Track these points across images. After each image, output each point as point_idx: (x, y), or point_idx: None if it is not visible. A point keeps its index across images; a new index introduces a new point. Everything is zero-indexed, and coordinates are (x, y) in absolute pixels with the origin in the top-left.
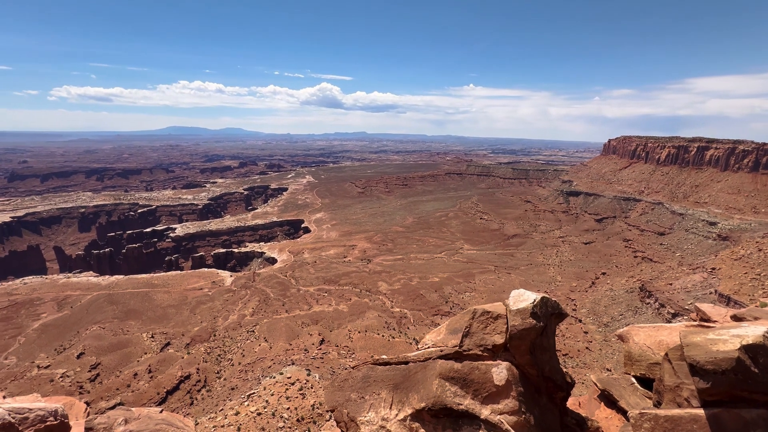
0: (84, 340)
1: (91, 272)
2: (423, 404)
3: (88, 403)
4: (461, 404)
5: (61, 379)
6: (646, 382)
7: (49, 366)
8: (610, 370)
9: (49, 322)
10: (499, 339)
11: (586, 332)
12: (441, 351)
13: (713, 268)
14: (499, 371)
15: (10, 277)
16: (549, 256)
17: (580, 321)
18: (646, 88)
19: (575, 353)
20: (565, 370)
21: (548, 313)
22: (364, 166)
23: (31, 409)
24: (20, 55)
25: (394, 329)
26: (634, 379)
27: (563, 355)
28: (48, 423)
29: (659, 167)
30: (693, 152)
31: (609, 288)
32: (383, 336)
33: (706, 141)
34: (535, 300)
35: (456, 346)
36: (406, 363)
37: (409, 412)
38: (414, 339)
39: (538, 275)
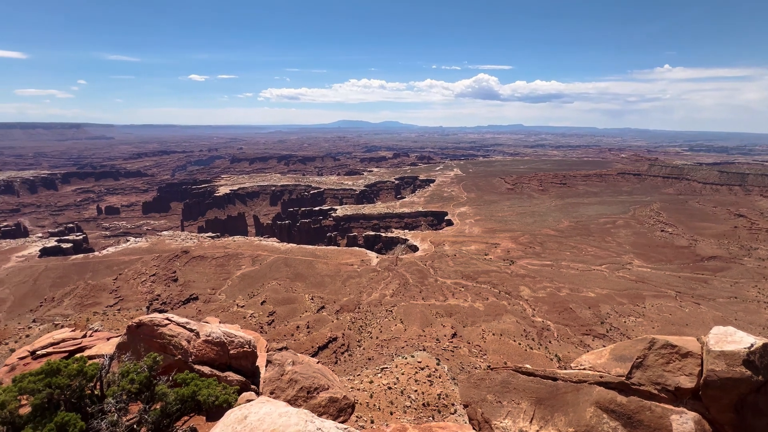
0: (266, 292)
1: (275, 238)
2: (571, 430)
3: (267, 341)
4: None
5: (250, 317)
6: None
7: (243, 306)
8: None
9: (246, 272)
10: (687, 382)
11: None
12: (601, 377)
13: None
14: (683, 421)
15: (226, 235)
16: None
17: None
18: None
19: None
20: None
21: None
22: (516, 161)
23: (236, 335)
24: (242, 66)
25: (533, 340)
26: None
27: None
28: (245, 349)
29: None
30: None
31: None
32: (520, 344)
33: None
34: (753, 345)
35: (621, 375)
36: (554, 379)
37: None
38: (556, 355)
39: (745, 314)
